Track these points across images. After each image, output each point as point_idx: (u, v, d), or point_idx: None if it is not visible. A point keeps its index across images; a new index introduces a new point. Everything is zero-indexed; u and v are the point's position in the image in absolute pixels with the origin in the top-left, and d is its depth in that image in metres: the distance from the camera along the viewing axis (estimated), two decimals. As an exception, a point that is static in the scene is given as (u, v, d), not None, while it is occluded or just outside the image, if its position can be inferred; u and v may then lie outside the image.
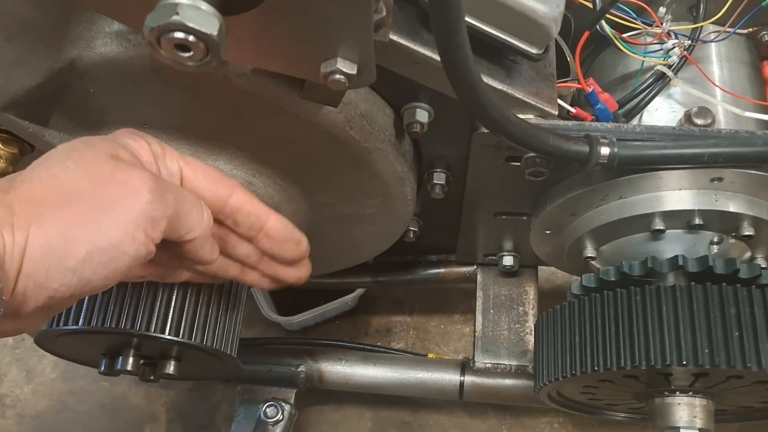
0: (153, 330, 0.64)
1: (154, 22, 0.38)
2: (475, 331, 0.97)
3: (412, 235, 0.89)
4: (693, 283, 0.66)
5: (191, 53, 0.39)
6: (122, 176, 0.47)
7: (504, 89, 0.66)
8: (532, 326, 0.96)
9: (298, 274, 0.66)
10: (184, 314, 0.65)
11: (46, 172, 0.47)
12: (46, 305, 0.45)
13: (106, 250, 0.45)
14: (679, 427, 0.71)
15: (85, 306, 0.64)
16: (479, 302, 0.98)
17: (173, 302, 0.65)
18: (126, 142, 0.52)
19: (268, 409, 0.96)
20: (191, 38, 0.38)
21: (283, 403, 0.97)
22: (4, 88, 0.58)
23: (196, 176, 0.56)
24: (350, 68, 0.50)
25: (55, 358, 1.20)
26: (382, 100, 0.68)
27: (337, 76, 0.50)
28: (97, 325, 0.64)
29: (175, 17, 0.37)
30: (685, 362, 0.62)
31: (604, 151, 0.64)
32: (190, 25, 0.38)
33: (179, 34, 0.38)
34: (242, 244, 0.61)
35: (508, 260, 0.95)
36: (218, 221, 0.58)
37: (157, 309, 0.64)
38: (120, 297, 0.64)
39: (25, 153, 0.67)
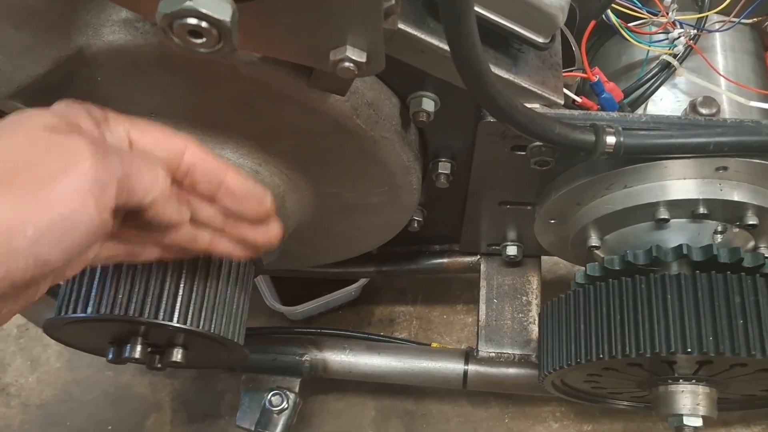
0: (161, 318, 0.64)
1: (167, 8, 0.38)
2: (478, 321, 0.97)
3: (416, 225, 0.90)
4: (698, 271, 0.66)
5: (204, 39, 0.40)
6: (60, 146, 0.45)
7: (510, 78, 0.66)
8: (536, 316, 0.96)
9: (266, 234, 0.62)
10: (192, 302, 0.66)
11: None
12: (7, 294, 0.43)
13: (55, 225, 0.43)
14: (682, 415, 0.71)
15: (93, 294, 0.65)
16: (483, 292, 0.99)
17: (181, 290, 0.65)
18: (63, 111, 0.50)
19: (272, 398, 0.96)
20: (204, 24, 0.39)
21: (287, 392, 0.97)
22: (11, 76, 0.58)
23: (144, 137, 0.53)
24: (359, 56, 0.50)
25: (60, 348, 1.22)
26: (389, 89, 0.68)
27: (347, 64, 0.50)
28: (105, 313, 0.64)
29: (188, 3, 0.38)
30: (689, 350, 0.63)
31: (610, 140, 0.64)
32: (203, 11, 0.38)
33: (192, 20, 0.38)
34: (204, 206, 0.58)
35: (511, 250, 0.95)
36: (176, 183, 0.55)
37: (165, 297, 0.64)
38: (128, 285, 0.64)
39: (32, 142, 0.67)
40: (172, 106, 0.64)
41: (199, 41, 0.40)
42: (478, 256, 1.02)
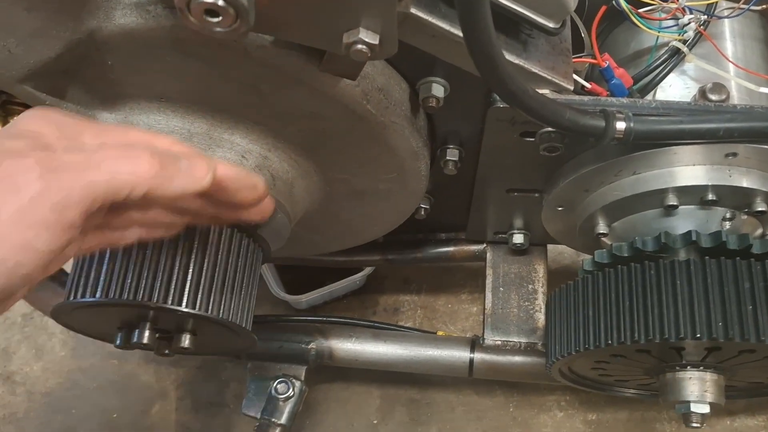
0: (170, 302, 0.64)
1: (184, -14, 0.38)
2: (484, 309, 0.97)
3: (423, 213, 0.90)
4: (707, 257, 0.66)
5: (220, 18, 0.39)
6: (4, 173, 0.42)
7: (521, 63, 0.65)
8: (542, 304, 0.96)
9: (260, 212, 0.62)
10: (202, 286, 0.66)
11: None
12: None
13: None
14: (689, 401, 0.72)
15: (102, 278, 0.65)
16: (489, 280, 0.99)
17: (190, 274, 0.65)
18: (23, 127, 0.48)
19: (278, 386, 0.97)
20: (221, 3, 0.38)
21: (293, 380, 0.97)
22: (22, 59, 0.58)
23: (123, 139, 0.51)
24: (373, 38, 0.50)
25: (65, 336, 1.22)
26: (398, 74, 0.68)
27: (360, 47, 0.50)
28: (114, 297, 0.64)
29: (205, -19, 0.38)
30: (699, 335, 0.63)
31: (620, 125, 0.64)
32: (220, -11, 0.38)
33: (209, -1, 0.38)
34: (194, 200, 0.56)
35: (518, 238, 0.95)
36: None
37: (174, 281, 0.64)
38: (137, 269, 0.64)
39: (41, 126, 0.67)
40: (182, 90, 0.64)
41: (215, 20, 0.40)
42: (484, 245, 1.02)
